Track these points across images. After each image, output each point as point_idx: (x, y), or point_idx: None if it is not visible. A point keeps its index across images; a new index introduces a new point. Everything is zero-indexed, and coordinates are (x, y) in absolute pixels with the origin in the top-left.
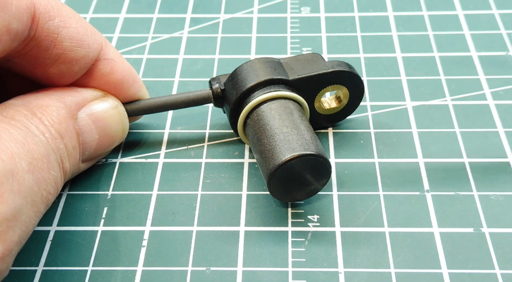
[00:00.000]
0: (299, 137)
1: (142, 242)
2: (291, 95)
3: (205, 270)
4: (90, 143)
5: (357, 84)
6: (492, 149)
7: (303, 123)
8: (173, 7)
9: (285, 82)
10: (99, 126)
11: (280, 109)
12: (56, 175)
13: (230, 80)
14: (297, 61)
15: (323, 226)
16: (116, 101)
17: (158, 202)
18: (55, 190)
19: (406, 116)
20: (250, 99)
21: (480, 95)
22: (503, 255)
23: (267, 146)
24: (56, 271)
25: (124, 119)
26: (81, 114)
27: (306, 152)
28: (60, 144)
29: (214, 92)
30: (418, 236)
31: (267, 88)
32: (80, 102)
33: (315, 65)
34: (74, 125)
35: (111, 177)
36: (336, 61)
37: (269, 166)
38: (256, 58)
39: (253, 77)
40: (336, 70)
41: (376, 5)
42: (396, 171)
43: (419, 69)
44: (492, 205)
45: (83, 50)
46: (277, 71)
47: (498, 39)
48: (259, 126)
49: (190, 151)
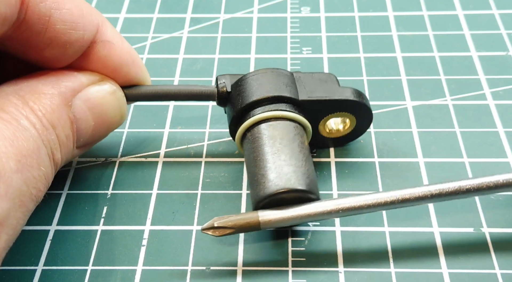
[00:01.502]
0: (295, 169)
1: (142, 241)
2: (297, 118)
3: (205, 269)
4: (85, 130)
5: (366, 115)
6: (492, 149)
7: (302, 152)
8: (173, 7)
9: (293, 101)
10: (95, 113)
11: (282, 133)
12: (46, 170)
13: (238, 85)
14: (310, 80)
15: (323, 226)
16: (114, 86)
17: (157, 201)
18: (45, 185)
19: (406, 116)
20: (255, 113)
21: (480, 95)
22: (503, 255)
23: (261, 170)
24: (56, 271)
25: (122, 105)
26: (76, 101)
27: (298, 187)
28: (51, 135)
29: (219, 91)
30: (418, 236)
31: (274, 105)
32: (76, 88)
33: (328, 89)
34: (68, 113)
35: (111, 176)
36: (350, 88)
37: (258, 193)
38: (270, 69)
39: (263, 90)
40: (349, 99)
41: (376, 5)
42: (396, 171)
43: (419, 69)
44: (492, 205)
45: (77, 32)
46: (288, 89)
47: (498, 39)
48: (257, 145)
49: (190, 150)
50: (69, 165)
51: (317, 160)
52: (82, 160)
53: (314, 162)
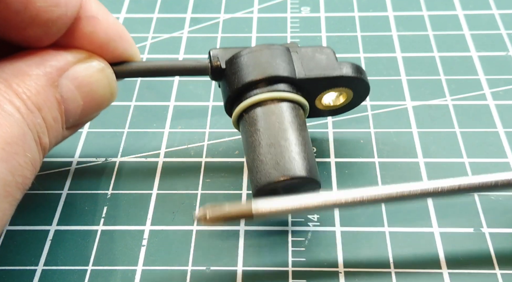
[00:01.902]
0: (295, 155)
1: (142, 241)
2: (295, 98)
3: (205, 269)
4: (74, 110)
5: (364, 89)
6: (492, 149)
7: (301, 136)
8: (173, 7)
9: (291, 80)
10: (83, 92)
11: (280, 116)
12: (33, 156)
13: (233, 62)
14: (307, 56)
15: (323, 226)
16: (102, 63)
17: (158, 201)
18: (33, 172)
19: (406, 116)
20: (251, 95)
21: (480, 95)
22: (503, 255)
23: (260, 155)
24: (56, 271)
25: (111, 82)
26: (63, 80)
27: (299, 174)
28: (37, 118)
29: (213, 66)
30: (418, 236)
31: (271, 86)
32: (62, 67)
33: (326, 65)
34: (55, 94)
35: (111, 176)
36: (348, 64)
37: (258, 180)
38: (265, 45)
39: (259, 69)
40: (349, 76)
41: (376, 5)
42: (396, 171)
43: (419, 69)
44: (492, 205)
45: (59, 9)
46: (284, 67)
47: (498, 39)
48: (255, 129)
49: (190, 150)
50: (69, 165)
51: (317, 160)
52: (82, 160)
53: None
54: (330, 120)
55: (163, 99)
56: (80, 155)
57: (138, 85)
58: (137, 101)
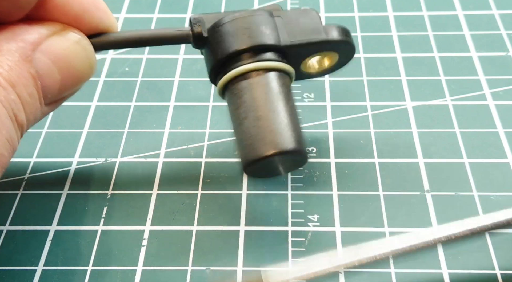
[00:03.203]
0: (283, 127)
1: (142, 241)
2: (281, 67)
3: (205, 269)
4: (52, 85)
5: (349, 51)
6: (492, 150)
7: (288, 105)
8: (173, 7)
9: (275, 48)
10: (60, 66)
11: (266, 87)
12: (8, 133)
13: (215, 31)
14: (291, 20)
15: (323, 226)
16: (78, 35)
17: (158, 201)
18: (11, 149)
19: (406, 116)
20: (236, 66)
21: (480, 96)
22: (503, 255)
23: (249, 129)
24: (56, 271)
25: (90, 54)
26: (37, 54)
27: (288, 147)
28: (11, 94)
29: (194, 33)
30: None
31: (256, 56)
32: (36, 41)
33: (312, 29)
34: (29, 69)
35: (111, 176)
36: (334, 26)
37: (247, 155)
38: (248, 12)
39: (243, 38)
40: (336, 39)
41: (376, 5)
42: (396, 171)
43: (419, 69)
44: (492, 205)
45: None
46: (268, 34)
47: (498, 39)
48: (242, 101)
49: (190, 150)
50: (69, 165)
51: (317, 160)
52: (82, 160)
53: (314, 162)
54: (330, 120)
55: (163, 99)
56: (80, 155)
57: (138, 85)
58: (137, 101)
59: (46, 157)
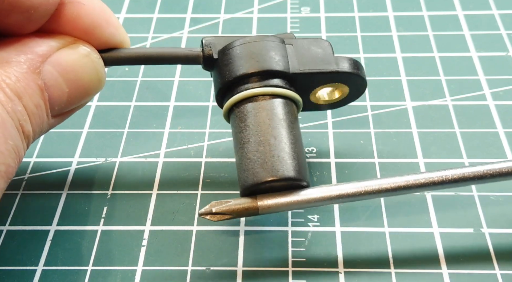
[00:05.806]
0: (284, 155)
1: (142, 241)
2: (287, 94)
3: (205, 269)
4: (59, 97)
5: (360, 85)
6: (492, 150)
7: (292, 134)
8: (173, 7)
9: (284, 75)
10: (68, 79)
11: (271, 112)
12: (15, 143)
13: (226, 53)
14: (302, 48)
15: (323, 226)
16: (88, 49)
17: (158, 201)
18: (17, 160)
19: (406, 116)
20: (243, 89)
21: (480, 96)
22: (503, 255)
23: (248, 153)
24: (56, 271)
25: (99, 68)
26: (46, 66)
27: (287, 175)
28: (17, 105)
29: (205, 55)
30: (418, 236)
31: (263, 80)
32: (45, 53)
33: (322, 59)
34: (37, 80)
35: (111, 176)
36: (346, 58)
37: (245, 179)
38: (259, 37)
39: (252, 62)
40: (346, 71)
41: (376, 5)
42: (396, 171)
43: (419, 69)
44: (492, 205)
45: None
46: (278, 61)
47: (498, 39)
48: (245, 125)
49: (190, 150)
50: (69, 165)
51: (317, 160)
52: (82, 160)
53: (314, 162)
54: (330, 120)
55: (163, 99)
56: (80, 155)
57: (138, 85)
58: (137, 101)
59: (46, 157)
